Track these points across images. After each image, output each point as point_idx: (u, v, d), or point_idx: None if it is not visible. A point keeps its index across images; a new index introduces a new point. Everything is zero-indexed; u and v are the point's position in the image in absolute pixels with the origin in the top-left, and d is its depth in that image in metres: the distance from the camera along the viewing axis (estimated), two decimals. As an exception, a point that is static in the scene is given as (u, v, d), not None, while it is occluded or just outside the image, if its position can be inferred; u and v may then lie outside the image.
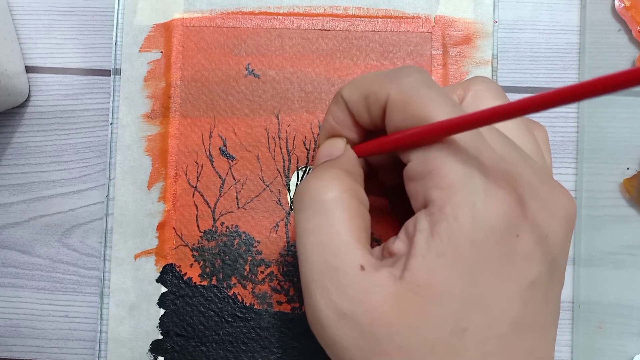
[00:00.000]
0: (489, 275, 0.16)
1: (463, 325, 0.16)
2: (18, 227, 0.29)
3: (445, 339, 0.16)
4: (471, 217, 0.16)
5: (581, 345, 0.28)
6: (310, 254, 0.18)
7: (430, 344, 0.16)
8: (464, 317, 0.16)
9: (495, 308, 0.16)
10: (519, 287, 0.16)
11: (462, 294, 0.16)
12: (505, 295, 0.16)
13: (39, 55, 0.30)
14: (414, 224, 0.17)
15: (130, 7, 0.29)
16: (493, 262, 0.16)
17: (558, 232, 0.17)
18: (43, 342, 0.29)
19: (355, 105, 0.20)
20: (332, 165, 0.20)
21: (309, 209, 0.18)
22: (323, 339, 0.18)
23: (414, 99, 0.18)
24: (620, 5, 0.29)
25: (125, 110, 0.28)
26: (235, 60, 0.29)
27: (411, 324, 0.16)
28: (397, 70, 0.19)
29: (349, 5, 0.29)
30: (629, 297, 0.29)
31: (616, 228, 0.29)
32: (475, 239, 0.16)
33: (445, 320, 0.16)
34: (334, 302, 0.17)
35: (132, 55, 0.29)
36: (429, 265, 0.16)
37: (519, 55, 0.30)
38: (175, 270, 0.28)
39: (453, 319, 0.16)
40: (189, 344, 0.27)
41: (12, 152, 0.30)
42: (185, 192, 0.28)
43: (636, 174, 0.29)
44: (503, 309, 0.16)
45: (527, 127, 0.20)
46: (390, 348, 0.16)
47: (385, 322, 0.16)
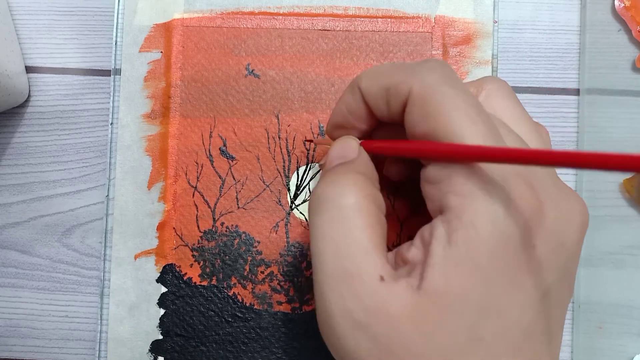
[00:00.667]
0: (505, 284, 0.16)
1: (479, 334, 0.16)
2: (18, 227, 0.29)
3: (460, 347, 0.16)
4: (491, 225, 0.16)
5: (581, 345, 0.28)
6: (327, 260, 0.17)
7: (446, 352, 0.16)
8: (479, 326, 0.16)
9: (509, 317, 0.16)
10: (533, 297, 0.16)
11: (479, 303, 0.16)
12: (520, 305, 0.16)
13: (39, 55, 0.30)
14: (430, 231, 0.17)
15: (130, 7, 0.29)
16: (510, 271, 0.16)
17: (573, 241, 0.17)
18: (43, 342, 0.29)
19: (373, 97, 0.19)
20: (350, 170, 0.19)
21: (327, 213, 0.18)
22: (335, 348, 0.18)
23: (437, 99, 0.17)
24: (620, 5, 0.29)
25: (125, 110, 0.28)
26: (235, 60, 0.29)
27: (427, 333, 0.16)
28: (420, 64, 0.18)
29: (349, 5, 0.29)
30: (629, 297, 0.29)
31: (616, 228, 0.29)
32: (493, 248, 0.16)
33: (461, 329, 0.16)
34: (349, 311, 0.17)
35: (132, 56, 0.29)
36: (447, 274, 0.16)
37: (519, 55, 0.30)
38: (175, 270, 0.28)
39: (469, 328, 0.16)
40: (189, 344, 0.27)
41: (12, 152, 0.30)
42: (185, 192, 0.28)
43: (636, 174, 0.29)
44: (517, 318, 0.16)
45: (537, 131, 0.20)
46: (405, 357, 0.16)
47: (402, 332, 0.16)
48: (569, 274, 0.17)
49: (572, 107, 0.30)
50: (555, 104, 0.30)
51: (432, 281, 0.16)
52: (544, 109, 0.30)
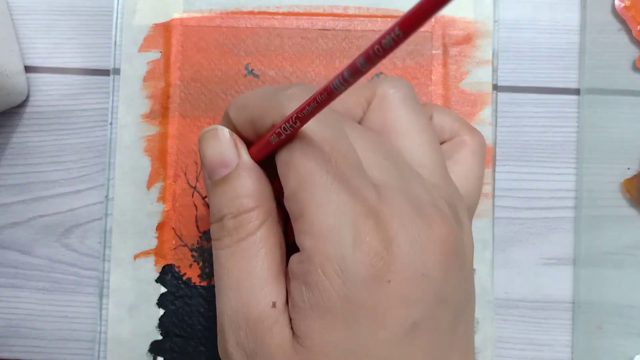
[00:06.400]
0: (366, 324, 0.16)
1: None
2: (17, 227, 0.29)
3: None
4: (339, 271, 0.16)
5: (581, 345, 0.28)
6: (226, 292, 0.18)
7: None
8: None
9: (379, 355, 0.16)
10: (399, 332, 0.16)
11: (342, 345, 0.16)
12: (387, 342, 0.16)
13: (38, 55, 0.30)
14: (291, 267, 0.17)
15: (129, 7, 0.29)
16: (368, 312, 0.16)
17: (435, 268, 0.16)
18: (42, 343, 0.29)
19: (242, 128, 0.19)
20: (240, 185, 0.18)
21: (227, 246, 0.18)
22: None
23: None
24: (620, 5, 0.29)
25: (124, 110, 0.28)
26: (235, 60, 0.29)
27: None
28: (282, 92, 0.18)
29: (349, 5, 0.29)
30: (629, 297, 0.29)
31: (616, 228, 0.29)
32: (345, 293, 0.16)
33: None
34: (242, 341, 0.17)
35: (131, 55, 0.28)
36: (306, 317, 0.16)
37: (519, 55, 0.30)
38: (174, 270, 0.28)
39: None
40: (189, 344, 0.27)
41: (11, 152, 0.30)
42: (185, 193, 0.28)
43: (636, 174, 0.29)
44: (387, 355, 0.16)
45: (430, 141, 0.19)
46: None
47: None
48: (444, 298, 0.17)
49: (572, 107, 0.30)
50: (555, 104, 0.30)
51: (295, 322, 0.16)
52: (544, 108, 0.30)
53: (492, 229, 0.28)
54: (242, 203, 0.18)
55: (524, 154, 0.29)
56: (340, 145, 0.17)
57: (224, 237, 0.18)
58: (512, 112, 0.29)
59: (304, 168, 0.17)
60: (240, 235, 0.18)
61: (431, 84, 0.29)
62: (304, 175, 0.17)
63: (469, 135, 0.22)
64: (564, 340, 0.29)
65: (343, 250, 0.16)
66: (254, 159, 0.19)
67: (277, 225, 0.19)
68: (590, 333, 0.28)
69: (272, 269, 0.18)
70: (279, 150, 0.18)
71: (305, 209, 0.16)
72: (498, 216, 0.29)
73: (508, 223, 0.29)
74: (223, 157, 0.18)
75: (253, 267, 0.17)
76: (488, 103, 0.28)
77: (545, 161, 0.29)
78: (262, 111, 0.18)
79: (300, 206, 0.17)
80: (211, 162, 0.18)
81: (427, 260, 0.16)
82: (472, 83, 0.29)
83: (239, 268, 0.18)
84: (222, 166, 0.18)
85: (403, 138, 0.19)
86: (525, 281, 0.29)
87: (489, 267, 0.28)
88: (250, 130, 0.19)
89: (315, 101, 0.15)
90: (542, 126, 0.29)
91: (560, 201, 0.29)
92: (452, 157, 0.21)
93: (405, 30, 0.12)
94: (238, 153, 0.18)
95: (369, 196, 0.16)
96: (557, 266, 0.29)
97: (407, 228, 0.16)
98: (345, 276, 0.16)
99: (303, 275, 0.16)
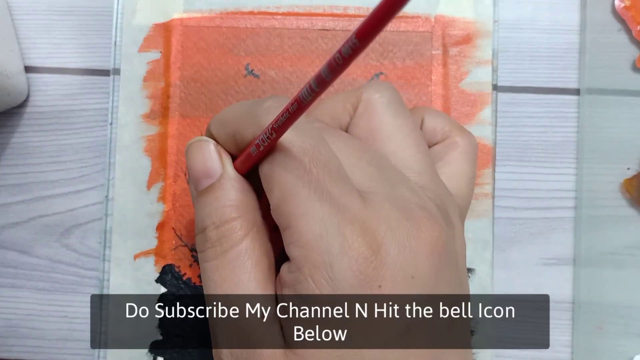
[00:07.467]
0: (359, 330, 0.16)
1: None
2: (17, 227, 0.29)
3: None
4: (328, 279, 0.16)
5: (581, 345, 0.28)
6: (216, 305, 0.18)
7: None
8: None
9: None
10: (393, 335, 0.16)
11: (336, 352, 0.16)
12: (382, 346, 0.16)
13: (38, 55, 0.30)
14: (281, 276, 0.17)
15: (129, 7, 0.29)
16: (360, 317, 0.16)
17: (425, 269, 0.17)
18: (42, 343, 0.29)
19: (223, 142, 0.19)
20: (223, 195, 0.18)
21: (212, 259, 0.18)
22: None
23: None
24: (620, 5, 0.29)
25: (124, 110, 0.28)
26: (235, 60, 0.29)
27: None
28: (260, 105, 0.18)
29: (349, 5, 0.29)
30: (629, 297, 0.29)
31: (616, 228, 0.29)
32: (335, 300, 0.16)
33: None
34: (235, 351, 0.17)
35: (131, 55, 0.28)
36: (299, 328, 0.16)
37: (519, 55, 0.30)
38: (174, 270, 0.28)
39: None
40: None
41: (11, 152, 0.30)
42: (185, 193, 0.28)
43: (636, 174, 0.29)
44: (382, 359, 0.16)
45: (416, 144, 0.20)
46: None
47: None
48: (435, 299, 0.17)
49: (572, 107, 0.30)
50: (555, 104, 0.30)
51: (287, 332, 0.16)
52: (544, 109, 0.30)
53: (492, 229, 0.28)
54: (224, 213, 0.18)
55: (524, 154, 0.29)
56: (321, 154, 0.17)
57: (208, 249, 0.18)
58: (512, 112, 0.30)
59: (285, 180, 0.17)
60: (225, 247, 0.18)
61: (431, 84, 0.29)
62: (285, 188, 0.17)
63: (460, 136, 0.22)
64: (564, 340, 0.29)
65: (331, 258, 0.16)
66: (239, 172, 0.19)
67: (264, 236, 0.19)
68: (590, 333, 0.28)
69: (260, 280, 0.18)
70: (261, 164, 0.18)
71: (292, 221, 0.17)
72: (498, 216, 0.29)
73: (508, 223, 0.29)
74: (207, 168, 0.19)
75: (240, 280, 0.17)
76: (488, 103, 0.28)
77: (545, 161, 0.29)
78: (241, 125, 0.18)
79: (286, 218, 0.17)
80: (196, 172, 0.19)
81: (417, 262, 0.16)
82: (472, 83, 0.29)
83: (226, 281, 0.18)
84: (206, 176, 0.19)
85: (389, 142, 0.19)
86: (525, 281, 0.29)
87: (489, 267, 0.28)
88: (232, 145, 0.19)
89: (287, 112, 0.15)
90: (542, 126, 0.30)
91: (560, 201, 0.29)
92: (444, 159, 0.22)
93: (361, 38, 0.12)
94: (222, 164, 0.19)
95: (353, 203, 0.16)
96: (557, 266, 0.29)
97: (395, 232, 0.16)
98: (334, 283, 0.16)
99: (294, 285, 0.16)
